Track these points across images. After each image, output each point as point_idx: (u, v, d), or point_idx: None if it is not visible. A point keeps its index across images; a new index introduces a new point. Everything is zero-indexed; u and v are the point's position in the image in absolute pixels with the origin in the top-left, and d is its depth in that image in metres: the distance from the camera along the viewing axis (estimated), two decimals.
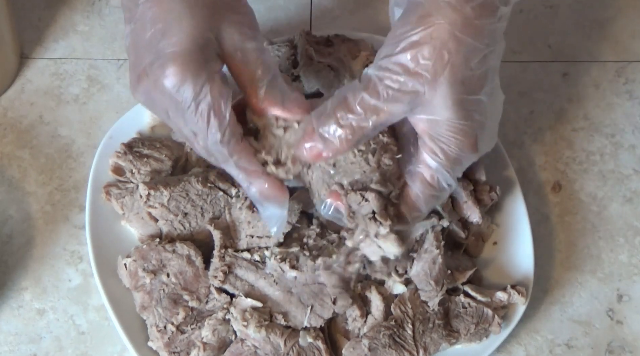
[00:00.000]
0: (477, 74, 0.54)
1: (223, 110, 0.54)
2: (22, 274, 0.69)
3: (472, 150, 0.56)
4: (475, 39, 0.53)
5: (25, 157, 0.74)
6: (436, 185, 0.57)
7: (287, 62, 0.73)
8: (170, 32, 0.53)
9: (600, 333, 0.69)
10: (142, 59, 0.54)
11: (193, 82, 0.53)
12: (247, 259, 0.65)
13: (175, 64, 0.52)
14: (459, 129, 0.55)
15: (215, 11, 0.54)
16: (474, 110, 0.55)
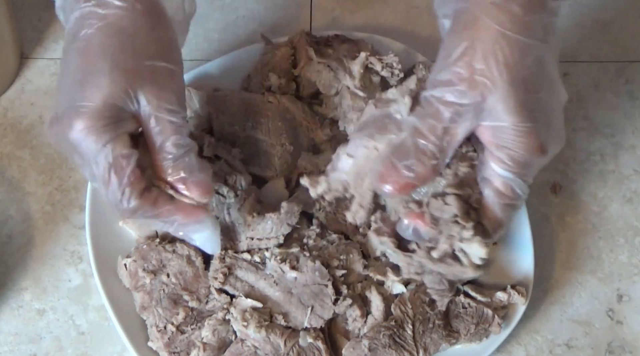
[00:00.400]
0: (535, 71, 0.53)
1: (124, 169, 0.54)
2: (22, 274, 0.69)
3: (540, 152, 0.54)
4: (527, 36, 0.52)
5: (25, 157, 0.74)
6: (509, 193, 0.56)
7: (287, 62, 0.73)
8: (85, 86, 0.53)
9: (600, 333, 0.69)
10: (59, 104, 0.54)
11: (95, 139, 0.53)
12: (247, 260, 0.65)
13: (82, 119, 0.52)
14: (524, 132, 0.53)
15: (135, 76, 0.53)
16: (537, 110, 0.54)
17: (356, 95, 0.70)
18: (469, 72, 0.52)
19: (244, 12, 0.83)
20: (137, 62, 0.54)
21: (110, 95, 0.53)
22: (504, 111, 0.53)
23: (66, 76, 0.54)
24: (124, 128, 0.54)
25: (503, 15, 0.52)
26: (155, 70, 0.54)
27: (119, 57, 0.53)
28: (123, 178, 0.54)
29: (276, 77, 0.72)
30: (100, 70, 0.53)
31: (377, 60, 0.72)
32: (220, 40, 0.81)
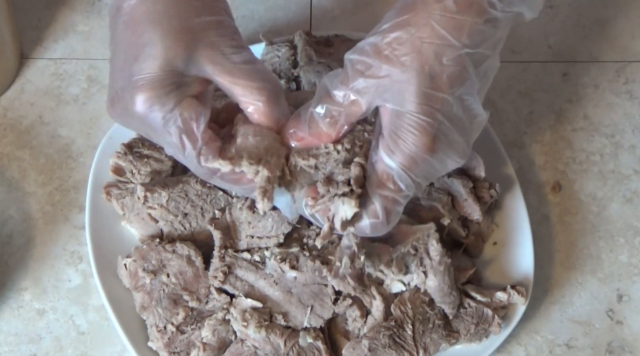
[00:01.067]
0: (449, 71, 0.53)
1: (195, 132, 0.53)
2: (22, 274, 0.69)
3: (428, 150, 0.54)
4: (452, 33, 0.52)
5: (25, 157, 0.74)
6: (389, 184, 0.55)
7: (287, 62, 0.73)
8: (140, 58, 0.53)
9: (600, 333, 0.69)
10: (116, 83, 0.54)
11: (160, 108, 0.53)
12: (247, 259, 0.65)
13: (143, 91, 0.52)
14: (418, 124, 0.53)
15: (190, 36, 0.53)
16: (437, 109, 0.53)
17: None
18: (387, 48, 0.53)
19: (244, 12, 0.83)
20: (186, 23, 0.53)
21: (166, 62, 0.52)
22: (405, 97, 0.53)
23: (118, 53, 0.54)
24: (188, 92, 0.53)
25: (437, 6, 0.52)
26: (206, 25, 0.54)
27: (167, 23, 0.53)
28: (197, 140, 0.53)
29: (276, 77, 0.72)
30: (151, 39, 0.52)
31: None
32: None
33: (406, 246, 0.63)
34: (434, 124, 0.53)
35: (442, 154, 0.55)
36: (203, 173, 0.56)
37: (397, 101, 0.53)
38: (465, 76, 0.54)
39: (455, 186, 0.68)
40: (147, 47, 0.53)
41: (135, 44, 0.53)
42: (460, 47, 0.52)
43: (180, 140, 0.54)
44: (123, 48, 0.54)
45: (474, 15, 0.52)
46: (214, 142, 0.54)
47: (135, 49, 0.53)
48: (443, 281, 0.63)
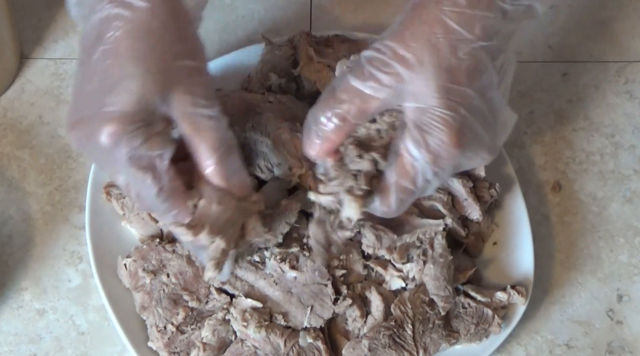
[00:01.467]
0: (465, 64, 0.53)
1: (159, 168, 0.53)
2: (22, 274, 0.69)
3: (454, 144, 0.54)
4: (465, 27, 0.53)
5: (25, 157, 0.74)
6: (412, 175, 0.55)
7: (287, 62, 0.73)
8: (116, 90, 0.52)
9: (600, 333, 0.69)
10: (81, 108, 0.53)
11: (127, 143, 0.52)
12: (247, 260, 0.65)
13: (114, 124, 0.52)
14: (442, 118, 0.53)
15: (166, 77, 0.53)
16: (458, 103, 0.53)
17: None
18: (401, 47, 0.53)
19: (244, 12, 0.83)
20: (168, 64, 0.53)
21: (142, 99, 0.52)
22: (426, 94, 0.53)
23: (89, 79, 0.53)
24: (155, 130, 0.53)
25: (447, 3, 0.53)
26: (185, 70, 0.54)
27: (150, 61, 0.53)
28: (160, 179, 0.53)
29: (276, 77, 0.72)
30: (131, 74, 0.52)
31: None
32: (220, 40, 0.81)
33: (412, 237, 0.64)
34: (458, 118, 0.53)
35: (468, 149, 0.55)
36: (157, 209, 0.55)
37: (417, 99, 0.53)
38: (483, 69, 0.54)
39: (455, 185, 0.68)
40: (126, 81, 0.52)
41: (112, 75, 0.52)
42: (475, 39, 0.53)
43: (142, 176, 0.53)
44: (97, 76, 0.53)
45: (484, 8, 0.53)
46: (176, 180, 0.54)
47: (112, 80, 0.52)
48: (440, 272, 0.63)
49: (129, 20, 0.53)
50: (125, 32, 0.53)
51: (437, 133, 0.53)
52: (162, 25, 0.53)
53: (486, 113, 0.55)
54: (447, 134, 0.53)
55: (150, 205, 0.55)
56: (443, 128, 0.53)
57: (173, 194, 0.55)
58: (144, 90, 0.52)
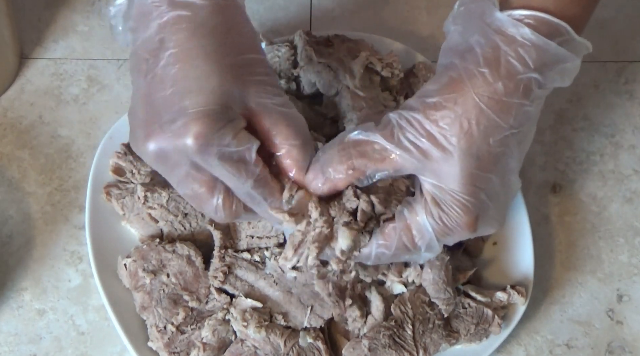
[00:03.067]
0: (495, 152, 0.53)
1: (249, 159, 0.53)
2: (22, 274, 0.69)
3: (470, 229, 0.54)
4: (500, 116, 0.52)
5: (25, 157, 0.74)
6: (416, 241, 0.55)
7: (287, 62, 0.73)
8: (194, 91, 0.51)
9: (600, 333, 0.69)
10: (157, 116, 0.52)
11: (218, 141, 0.51)
12: (247, 259, 0.65)
13: (200, 125, 0.51)
14: (462, 204, 0.53)
15: (239, 71, 0.53)
16: (481, 189, 0.53)
17: (356, 95, 0.70)
18: (433, 125, 0.52)
19: None
20: (237, 59, 0.53)
21: (222, 96, 0.52)
22: (450, 176, 0.53)
23: (160, 87, 0.52)
24: (239, 125, 0.53)
25: (485, 88, 0.52)
26: (252, 62, 0.54)
27: (221, 57, 0.52)
28: (253, 167, 0.53)
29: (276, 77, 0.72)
30: (207, 72, 0.52)
31: (377, 60, 0.72)
32: None
33: None
34: (477, 204, 0.54)
35: (479, 230, 0.55)
36: (253, 200, 0.55)
37: (440, 178, 0.53)
38: (509, 155, 0.54)
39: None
40: (203, 81, 0.51)
41: (186, 77, 0.52)
42: (507, 128, 0.52)
43: (237, 173, 0.52)
44: (170, 81, 0.52)
45: (521, 97, 0.52)
46: (266, 169, 0.54)
47: (187, 82, 0.51)
48: (438, 275, 0.63)
49: (191, 19, 0.52)
50: (191, 33, 0.52)
51: (454, 216, 0.54)
52: (224, 21, 0.53)
53: (502, 196, 0.55)
54: (463, 219, 0.54)
55: (246, 199, 0.54)
56: (461, 213, 0.53)
57: (267, 182, 0.54)
58: (223, 87, 0.52)
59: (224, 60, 0.52)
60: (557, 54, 0.52)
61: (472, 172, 0.53)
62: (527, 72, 0.52)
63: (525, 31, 0.51)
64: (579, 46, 0.54)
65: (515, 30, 0.52)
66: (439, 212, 0.54)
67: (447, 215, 0.54)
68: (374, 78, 0.72)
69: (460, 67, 0.53)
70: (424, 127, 0.53)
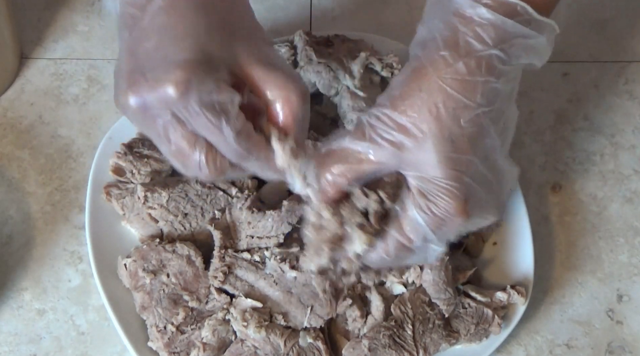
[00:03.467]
0: (468, 132, 0.52)
1: (232, 112, 0.52)
2: (22, 274, 0.69)
3: (461, 215, 0.53)
4: (466, 95, 0.52)
5: (25, 157, 0.74)
6: (412, 236, 0.55)
7: (287, 62, 0.73)
8: (179, 39, 0.52)
9: (600, 333, 0.69)
10: (140, 67, 0.52)
11: (200, 88, 0.51)
12: (247, 259, 0.65)
13: (183, 71, 0.50)
14: (446, 190, 0.53)
15: (229, 25, 0.53)
16: (463, 172, 0.53)
17: (356, 95, 0.70)
18: (402, 116, 0.52)
19: None
20: (227, 14, 0.53)
21: (207, 46, 0.51)
22: (428, 164, 0.52)
23: (145, 39, 0.52)
24: (222, 77, 0.52)
25: (446, 70, 0.52)
26: (245, 20, 0.55)
27: (211, 10, 0.52)
28: (235, 122, 0.52)
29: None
30: (195, 23, 0.52)
31: (377, 60, 0.72)
32: None
33: None
34: (462, 187, 0.53)
35: (474, 215, 0.54)
36: (236, 154, 0.54)
37: (419, 168, 0.53)
38: (485, 134, 0.54)
39: None
40: (189, 30, 0.52)
41: (173, 27, 0.52)
42: (476, 106, 0.52)
43: (218, 122, 0.52)
44: (157, 32, 0.52)
45: (485, 74, 0.52)
46: (248, 123, 0.53)
47: (173, 31, 0.52)
48: (438, 276, 0.63)
49: None
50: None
51: (442, 203, 0.53)
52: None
53: (490, 178, 0.55)
54: (452, 205, 0.53)
55: (229, 152, 0.53)
56: (447, 199, 0.53)
57: (250, 136, 0.53)
58: (209, 38, 0.52)
59: (213, 14, 0.53)
60: (515, 31, 0.52)
61: (449, 156, 0.52)
62: (487, 49, 0.52)
63: (482, 10, 0.51)
64: (543, 25, 0.53)
65: (472, 11, 0.52)
66: (426, 202, 0.53)
67: (434, 204, 0.53)
68: (374, 78, 0.72)
69: (422, 56, 0.53)
70: (393, 119, 0.53)
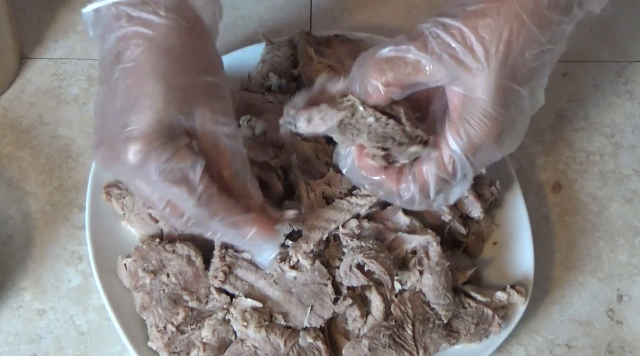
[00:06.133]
0: (529, 66, 0.53)
1: (192, 177, 0.53)
2: (22, 274, 0.69)
3: (495, 140, 0.54)
4: (540, 29, 0.52)
5: (25, 157, 0.74)
6: (450, 167, 0.55)
7: (287, 62, 0.73)
8: (138, 108, 0.52)
9: (600, 333, 0.69)
10: (106, 128, 0.53)
11: (156, 159, 0.52)
12: (247, 259, 0.65)
13: (139, 143, 0.51)
14: (491, 115, 0.53)
15: (189, 93, 0.53)
16: (512, 102, 0.53)
17: None
18: (471, 33, 0.52)
19: (244, 12, 0.83)
20: (189, 80, 0.53)
21: (165, 116, 0.52)
22: (482, 86, 0.52)
23: (112, 99, 0.53)
24: (180, 143, 0.53)
25: (529, 0, 0.52)
26: (206, 86, 0.54)
27: (171, 77, 0.53)
28: (196, 186, 0.53)
29: (276, 77, 0.72)
30: (153, 91, 0.52)
31: None
32: (220, 40, 0.81)
33: (401, 253, 0.65)
34: (507, 117, 0.53)
35: (501, 145, 0.55)
36: (200, 218, 0.55)
37: (471, 89, 0.53)
38: (542, 71, 0.54)
39: None
40: (148, 99, 0.52)
41: (134, 94, 0.52)
42: (545, 43, 0.53)
43: (179, 188, 0.53)
44: (120, 95, 0.53)
45: (561, 13, 0.52)
46: (211, 187, 0.54)
47: (134, 98, 0.52)
48: (438, 281, 0.63)
49: (148, 37, 0.52)
50: (145, 50, 0.52)
51: (482, 127, 0.53)
52: (182, 42, 0.53)
53: (529, 111, 0.55)
54: (491, 130, 0.53)
55: (191, 212, 0.55)
56: (490, 124, 0.53)
57: (211, 201, 0.54)
58: (167, 108, 0.52)
59: (174, 81, 0.53)
60: None
61: (506, 84, 0.52)
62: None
63: None
64: None
65: None
66: (466, 126, 0.53)
67: (474, 128, 0.53)
68: None
69: None
70: (462, 34, 0.52)
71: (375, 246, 0.63)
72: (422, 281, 0.63)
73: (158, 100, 0.52)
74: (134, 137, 0.52)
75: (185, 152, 0.53)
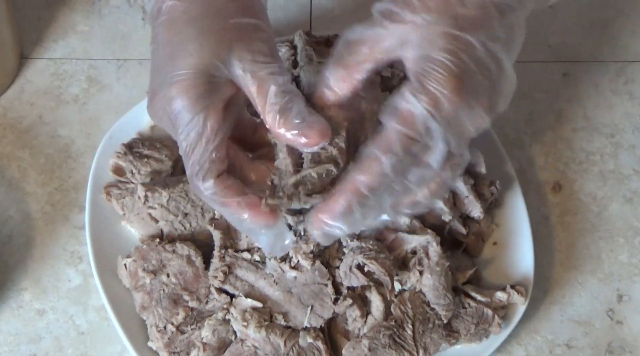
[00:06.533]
0: (471, 14, 0.53)
1: (210, 143, 0.53)
2: (22, 274, 0.69)
3: (454, 89, 0.52)
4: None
5: (25, 157, 0.74)
6: (412, 123, 0.52)
7: (287, 62, 0.73)
8: (176, 56, 0.53)
9: (600, 333, 0.69)
10: (155, 80, 0.55)
11: (188, 108, 0.53)
12: (247, 259, 0.65)
13: (176, 89, 0.53)
14: (442, 63, 0.52)
15: (225, 37, 0.53)
16: (461, 49, 0.53)
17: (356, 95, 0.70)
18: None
19: None
20: (222, 24, 0.54)
21: (201, 62, 0.53)
22: (429, 39, 0.53)
23: (157, 53, 0.55)
24: (218, 97, 0.53)
25: None
26: (241, 27, 0.54)
27: (203, 22, 0.53)
28: (206, 153, 0.53)
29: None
30: (187, 38, 0.53)
31: None
32: None
33: (401, 253, 0.65)
34: (460, 64, 0.53)
35: (468, 99, 0.53)
36: (195, 185, 0.55)
37: (421, 46, 0.53)
38: (488, 22, 0.54)
39: (456, 183, 0.68)
40: (183, 45, 0.53)
41: (171, 43, 0.54)
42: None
43: (193, 147, 0.53)
44: (162, 47, 0.54)
45: None
46: (221, 163, 0.54)
47: (171, 47, 0.54)
48: (438, 281, 0.63)
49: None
50: (177, 0, 0.54)
51: (438, 77, 0.52)
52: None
53: (489, 65, 0.54)
54: (447, 79, 0.52)
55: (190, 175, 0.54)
56: (443, 72, 0.52)
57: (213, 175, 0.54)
58: (202, 52, 0.53)
59: (208, 25, 0.53)
60: None
61: (449, 32, 0.53)
62: None
63: None
64: None
65: None
66: (420, 78, 0.53)
67: (430, 80, 0.52)
68: (374, 78, 0.72)
69: None
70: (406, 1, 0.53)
71: (375, 246, 0.63)
72: (422, 281, 0.63)
73: (192, 46, 0.53)
74: (172, 83, 0.53)
75: (216, 111, 0.53)
